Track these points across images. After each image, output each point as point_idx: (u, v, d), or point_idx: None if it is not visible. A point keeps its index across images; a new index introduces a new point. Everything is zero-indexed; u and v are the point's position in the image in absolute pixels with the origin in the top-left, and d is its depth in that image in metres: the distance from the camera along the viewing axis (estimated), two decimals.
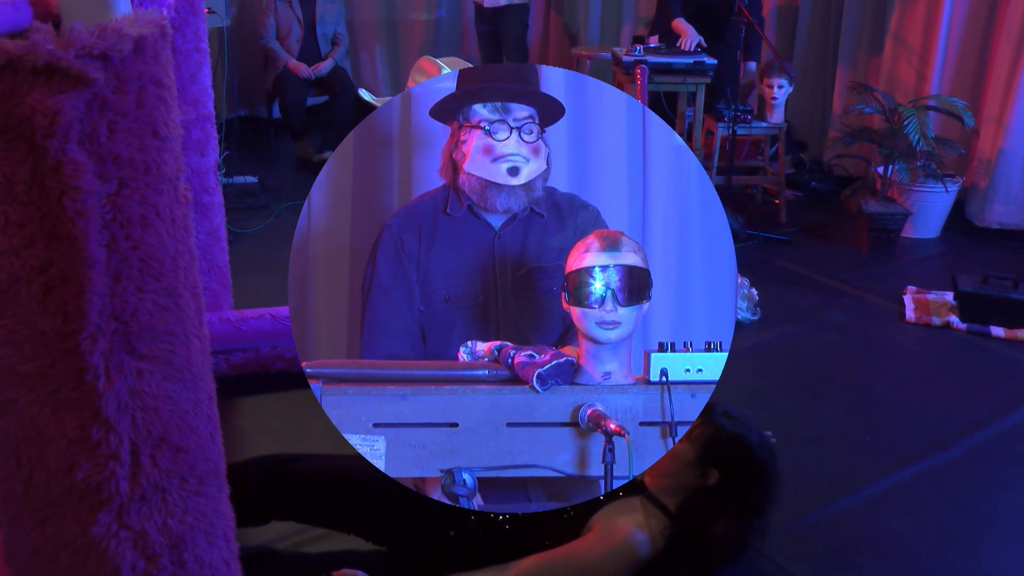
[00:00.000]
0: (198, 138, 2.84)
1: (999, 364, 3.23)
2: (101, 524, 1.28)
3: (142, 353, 1.27)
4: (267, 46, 5.59)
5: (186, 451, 1.36)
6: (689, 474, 1.99)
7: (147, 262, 1.25)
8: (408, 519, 2.06)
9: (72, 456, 1.26)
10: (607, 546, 1.95)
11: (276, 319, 2.99)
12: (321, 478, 2.14)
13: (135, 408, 1.27)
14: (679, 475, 2.00)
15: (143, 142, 1.21)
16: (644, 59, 4.33)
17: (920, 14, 4.68)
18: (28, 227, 1.16)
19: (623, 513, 2.00)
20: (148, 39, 1.19)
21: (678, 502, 2.00)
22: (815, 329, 3.49)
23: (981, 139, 4.53)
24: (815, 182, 5.22)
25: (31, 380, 1.24)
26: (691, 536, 1.96)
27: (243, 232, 4.37)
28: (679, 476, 2.00)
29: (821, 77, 5.41)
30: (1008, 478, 2.55)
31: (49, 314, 1.19)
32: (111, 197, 1.19)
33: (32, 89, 1.09)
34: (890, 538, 2.29)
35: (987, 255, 4.30)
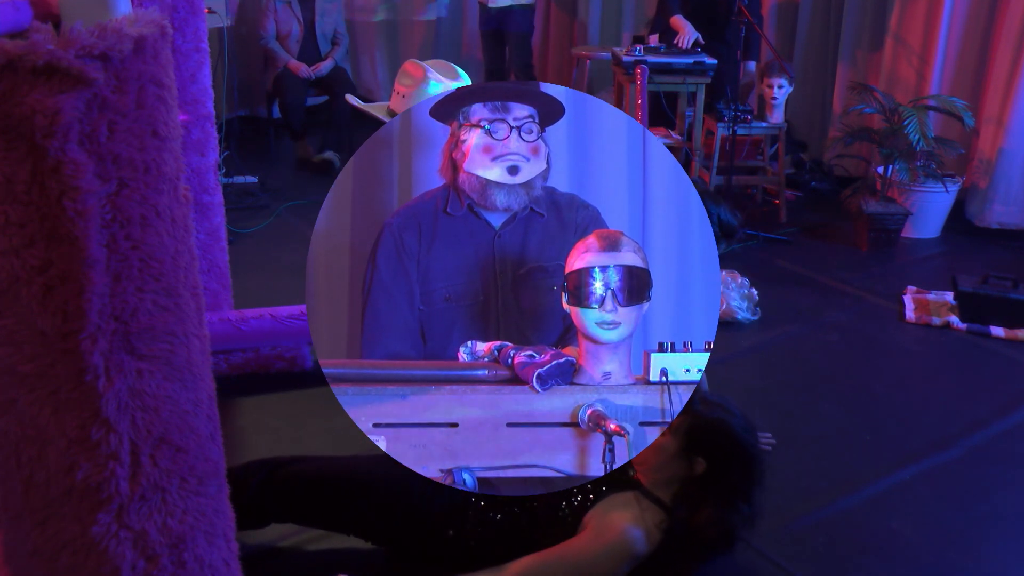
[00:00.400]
0: (198, 138, 2.84)
1: (999, 364, 3.23)
2: (101, 524, 1.28)
3: (142, 353, 1.27)
4: (267, 47, 5.60)
5: (186, 451, 1.36)
6: (676, 466, 2.00)
7: (147, 262, 1.25)
8: (407, 519, 2.06)
9: (72, 456, 1.26)
10: (603, 544, 1.95)
11: (276, 319, 2.99)
12: (320, 480, 2.14)
13: (135, 408, 1.27)
14: (667, 468, 2.01)
15: (143, 142, 1.22)
16: (644, 59, 4.33)
17: (920, 14, 4.68)
18: (28, 227, 1.16)
19: (618, 509, 2.00)
20: (148, 39, 1.19)
21: (672, 494, 2.01)
22: (815, 329, 3.49)
23: (981, 139, 4.53)
24: (815, 182, 5.22)
25: (31, 380, 1.24)
26: (685, 528, 1.97)
27: (243, 232, 4.37)
28: (667, 469, 2.01)
29: (821, 77, 5.41)
30: (1008, 478, 2.55)
31: (49, 314, 1.19)
32: (111, 197, 1.19)
33: (32, 89, 1.09)
34: (890, 538, 2.29)
35: (987, 255, 4.30)
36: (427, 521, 2.05)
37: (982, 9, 4.53)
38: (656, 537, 1.97)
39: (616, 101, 4.84)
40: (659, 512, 1.99)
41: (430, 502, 2.00)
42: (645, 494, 2.02)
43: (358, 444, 2.56)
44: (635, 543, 1.94)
